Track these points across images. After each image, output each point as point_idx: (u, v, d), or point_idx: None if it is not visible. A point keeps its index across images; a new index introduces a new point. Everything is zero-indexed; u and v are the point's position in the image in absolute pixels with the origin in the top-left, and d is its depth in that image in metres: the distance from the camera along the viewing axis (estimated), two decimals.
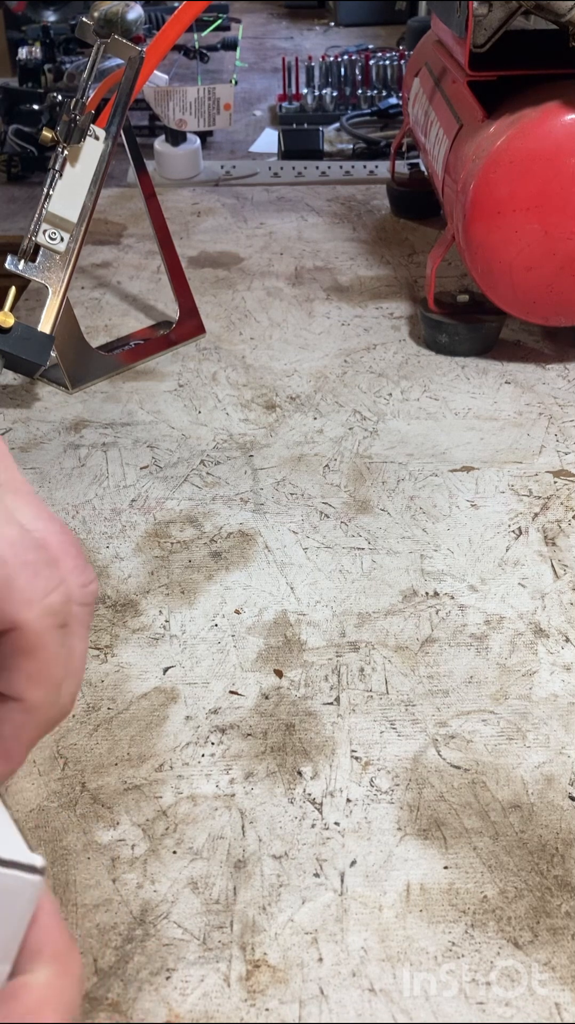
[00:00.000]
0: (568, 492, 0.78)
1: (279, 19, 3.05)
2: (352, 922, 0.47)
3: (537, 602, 0.67)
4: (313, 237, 1.31)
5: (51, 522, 0.30)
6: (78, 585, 0.30)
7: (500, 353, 1.00)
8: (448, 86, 1.07)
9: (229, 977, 0.44)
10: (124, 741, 0.56)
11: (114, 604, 0.67)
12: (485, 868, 0.49)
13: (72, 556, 0.30)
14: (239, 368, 0.98)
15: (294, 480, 0.80)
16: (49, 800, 0.53)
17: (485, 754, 0.55)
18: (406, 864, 0.49)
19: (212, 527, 0.75)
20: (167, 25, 1.01)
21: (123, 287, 1.17)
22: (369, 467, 0.82)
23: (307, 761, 0.55)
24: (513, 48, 0.92)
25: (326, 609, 0.66)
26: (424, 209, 1.34)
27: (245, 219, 1.38)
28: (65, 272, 0.87)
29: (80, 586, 0.30)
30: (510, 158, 0.87)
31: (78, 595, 0.30)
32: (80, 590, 0.30)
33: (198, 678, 0.61)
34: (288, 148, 1.64)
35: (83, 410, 0.91)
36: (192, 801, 0.53)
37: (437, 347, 1.00)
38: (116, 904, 0.47)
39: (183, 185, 1.52)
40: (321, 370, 0.98)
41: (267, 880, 0.49)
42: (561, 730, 0.57)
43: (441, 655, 0.62)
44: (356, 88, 1.88)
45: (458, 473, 0.81)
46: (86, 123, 0.86)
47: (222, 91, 1.41)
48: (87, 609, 0.31)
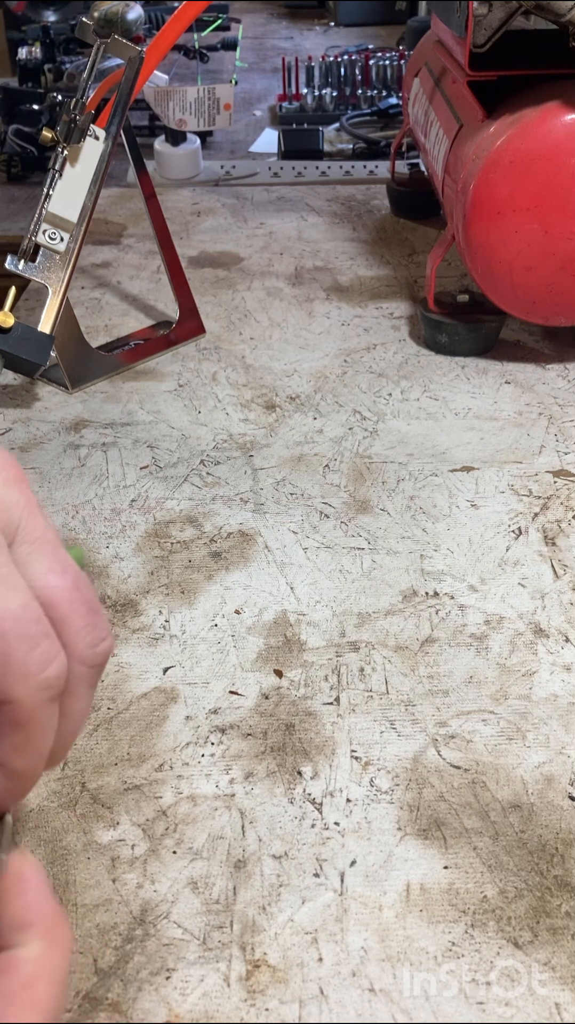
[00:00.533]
0: (568, 492, 0.78)
1: (279, 19, 3.05)
2: (352, 922, 0.47)
3: (537, 602, 0.67)
4: (313, 237, 1.31)
5: (63, 576, 0.29)
6: (87, 645, 0.29)
7: (500, 353, 1.00)
8: (448, 86, 1.07)
9: (229, 977, 0.44)
10: (124, 741, 0.56)
11: (114, 604, 0.67)
12: (485, 868, 0.49)
13: (82, 615, 0.29)
14: (239, 368, 0.98)
15: (294, 480, 0.80)
16: (49, 800, 0.53)
17: (485, 754, 0.55)
18: (406, 864, 0.49)
19: (212, 527, 0.75)
20: (167, 25, 1.01)
21: (123, 287, 1.17)
22: (369, 467, 0.82)
23: (307, 761, 0.55)
24: (513, 48, 0.92)
25: (326, 609, 0.66)
26: (424, 209, 1.34)
27: (245, 219, 1.38)
28: (65, 272, 0.87)
29: (88, 646, 0.29)
30: (510, 158, 0.87)
31: (86, 656, 0.29)
32: (88, 651, 0.29)
33: (198, 678, 0.61)
34: (288, 148, 1.64)
35: (83, 410, 0.91)
36: (192, 801, 0.53)
37: (437, 347, 1.00)
38: (116, 904, 0.47)
39: (183, 185, 1.52)
40: (321, 370, 0.98)
41: (267, 880, 0.49)
42: (561, 730, 0.57)
43: (441, 655, 0.62)
44: (356, 88, 1.88)
45: (458, 473, 0.81)
46: (86, 123, 0.86)
47: (222, 91, 1.42)
48: (95, 670, 0.30)
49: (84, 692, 0.30)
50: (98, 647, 0.30)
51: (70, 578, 0.30)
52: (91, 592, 0.30)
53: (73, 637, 0.29)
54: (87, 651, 0.29)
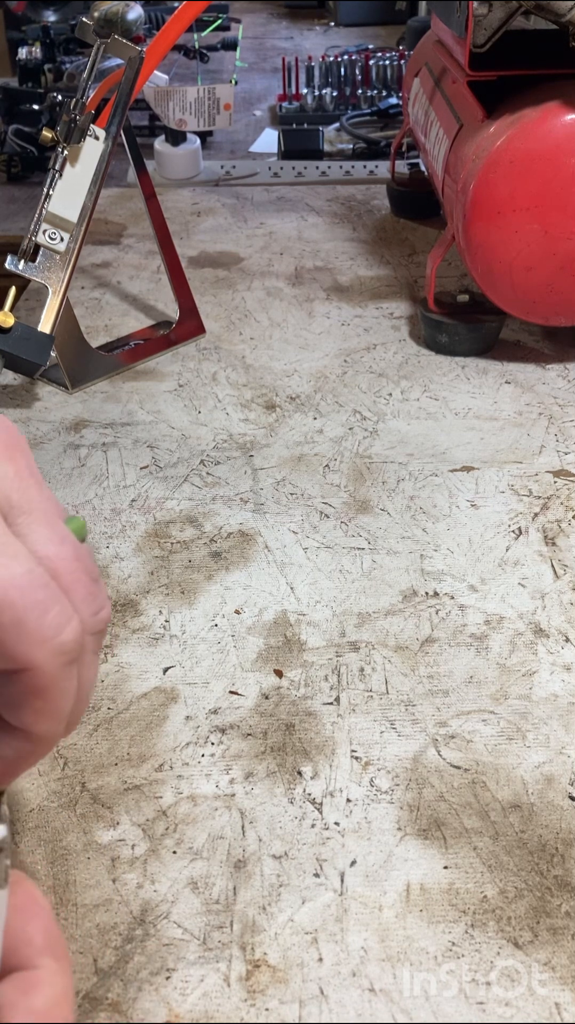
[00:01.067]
0: (568, 492, 0.78)
1: (279, 19, 3.05)
2: (352, 922, 0.47)
3: (537, 602, 0.67)
4: (313, 237, 1.31)
5: (63, 545, 0.29)
6: (89, 614, 0.30)
7: (500, 353, 1.00)
8: (448, 86, 1.07)
9: (229, 977, 0.44)
10: (124, 741, 0.56)
11: (114, 604, 0.67)
12: (485, 868, 0.49)
13: (84, 584, 0.30)
14: (239, 368, 0.98)
15: (294, 480, 0.81)
16: (49, 800, 0.53)
17: (485, 754, 0.55)
18: (406, 864, 0.49)
19: (212, 527, 0.75)
20: (167, 25, 1.01)
21: (123, 287, 1.17)
22: (369, 467, 0.82)
23: (307, 761, 0.55)
24: (513, 48, 0.92)
25: (326, 609, 0.67)
26: (424, 209, 1.34)
27: (245, 219, 1.38)
28: (65, 272, 0.87)
29: (91, 615, 0.30)
30: (510, 158, 0.87)
31: (89, 624, 0.30)
32: (91, 619, 0.30)
33: (198, 678, 0.61)
34: (288, 148, 1.64)
35: (83, 410, 0.91)
36: (192, 801, 0.53)
37: (437, 347, 1.00)
38: (116, 904, 0.47)
39: (183, 185, 1.52)
40: (321, 370, 0.98)
41: (267, 880, 0.49)
42: (561, 730, 0.57)
43: (441, 655, 0.62)
44: (356, 88, 1.88)
45: (458, 473, 0.81)
46: (86, 123, 0.86)
47: (222, 91, 1.42)
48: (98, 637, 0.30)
49: (91, 660, 0.30)
50: (99, 615, 0.30)
51: (70, 548, 0.30)
52: (91, 562, 0.31)
53: (78, 606, 0.29)
54: (90, 619, 0.30)
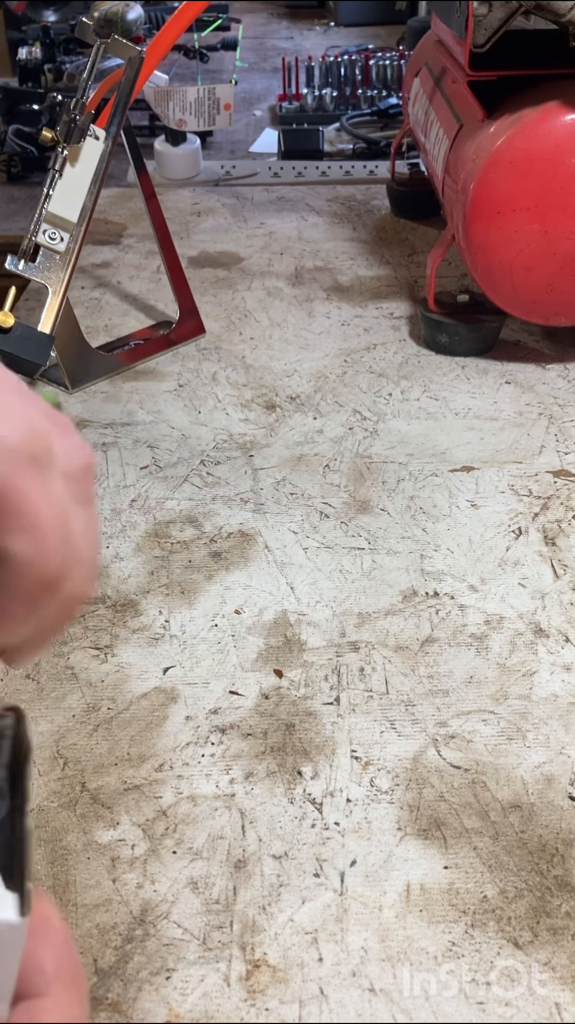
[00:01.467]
0: (568, 492, 0.78)
1: (279, 19, 3.05)
2: (352, 922, 0.47)
3: (537, 602, 0.67)
4: (313, 237, 1.31)
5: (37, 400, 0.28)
6: (64, 459, 0.28)
7: (500, 353, 1.00)
8: (448, 86, 1.07)
9: (229, 977, 0.44)
10: (124, 741, 0.56)
11: (114, 604, 0.67)
12: (485, 868, 0.49)
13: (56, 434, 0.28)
14: (239, 368, 0.98)
15: (294, 480, 0.80)
16: (49, 800, 0.53)
17: (485, 754, 0.55)
18: (406, 864, 0.49)
19: (212, 527, 0.75)
20: (167, 25, 1.01)
21: (123, 287, 1.17)
22: (369, 467, 0.82)
23: (307, 761, 0.55)
24: (513, 48, 0.92)
25: (326, 609, 0.66)
26: (424, 209, 1.34)
27: (245, 219, 1.38)
28: (65, 272, 0.87)
29: (65, 459, 0.28)
30: (510, 158, 0.87)
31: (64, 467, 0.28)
32: (64, 460, 0.28)
33: (198, 678, 0.61)
34: (288, 148, 1.64)
35: (83, 410, 0.91)
36: (192, 801, 0.53)
37: (437, 347, 1.00)
38: (116, 904, 0.47)
39: (183, 185, 1.52)
40: (321, 370, 0.98)
41: (267, 880, 0.48)
42: (561, 730, 0.57)
43: (441, 655, 0.62)
44: (356, 88, 1.88)
45: (458, 473, 0.81)
46: (86, 123, 0.86)
47: (222, 91, 1.41)
48: (81, 485, 0.28)
49: (82, 510, 0.28)
50: (74, 459, 0.28)
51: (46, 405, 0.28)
52: (64, 419, 0.29)
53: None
54: (64, 460, 0.28)
